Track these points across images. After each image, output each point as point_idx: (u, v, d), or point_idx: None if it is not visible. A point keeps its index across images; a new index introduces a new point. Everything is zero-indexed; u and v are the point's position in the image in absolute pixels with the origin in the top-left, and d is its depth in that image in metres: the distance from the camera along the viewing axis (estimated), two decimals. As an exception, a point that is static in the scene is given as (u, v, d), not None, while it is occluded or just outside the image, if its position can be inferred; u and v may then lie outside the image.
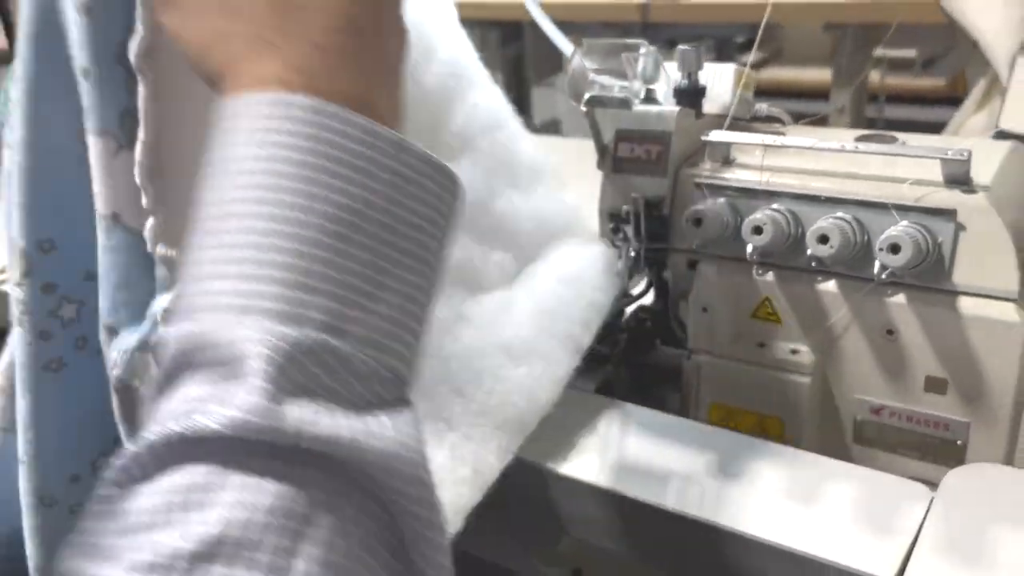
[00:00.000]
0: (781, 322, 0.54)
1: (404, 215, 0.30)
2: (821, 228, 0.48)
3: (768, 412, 0.54)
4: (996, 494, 0.45)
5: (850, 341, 0.52)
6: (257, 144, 0.29)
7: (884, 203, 0.49)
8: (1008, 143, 0.53)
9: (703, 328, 0.55)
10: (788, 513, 0.44)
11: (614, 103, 0.54)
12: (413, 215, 0.30)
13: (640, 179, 0.57)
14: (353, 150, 0.29)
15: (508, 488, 0.52)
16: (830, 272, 0.51)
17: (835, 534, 0.43)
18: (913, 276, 0.48)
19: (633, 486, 0.48)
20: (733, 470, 0.48)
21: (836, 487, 0.46)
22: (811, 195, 0.51)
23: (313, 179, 0.28)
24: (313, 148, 0.29)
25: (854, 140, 0.53)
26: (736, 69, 0.58)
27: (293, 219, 0.28)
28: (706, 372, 0.55)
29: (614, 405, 0.55)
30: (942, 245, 0.48)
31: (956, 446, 0.51)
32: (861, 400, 0.53)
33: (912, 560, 0.41)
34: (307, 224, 0.28)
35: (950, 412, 0.50)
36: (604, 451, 0.51)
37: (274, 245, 0.28)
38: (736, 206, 0.53)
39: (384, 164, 0.30)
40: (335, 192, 0.28)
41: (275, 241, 0.28)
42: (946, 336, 0.49)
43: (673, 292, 0.58)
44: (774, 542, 0.42)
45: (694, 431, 0.52)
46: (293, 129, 0.29)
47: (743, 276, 0.54)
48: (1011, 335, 0.47)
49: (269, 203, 0.28)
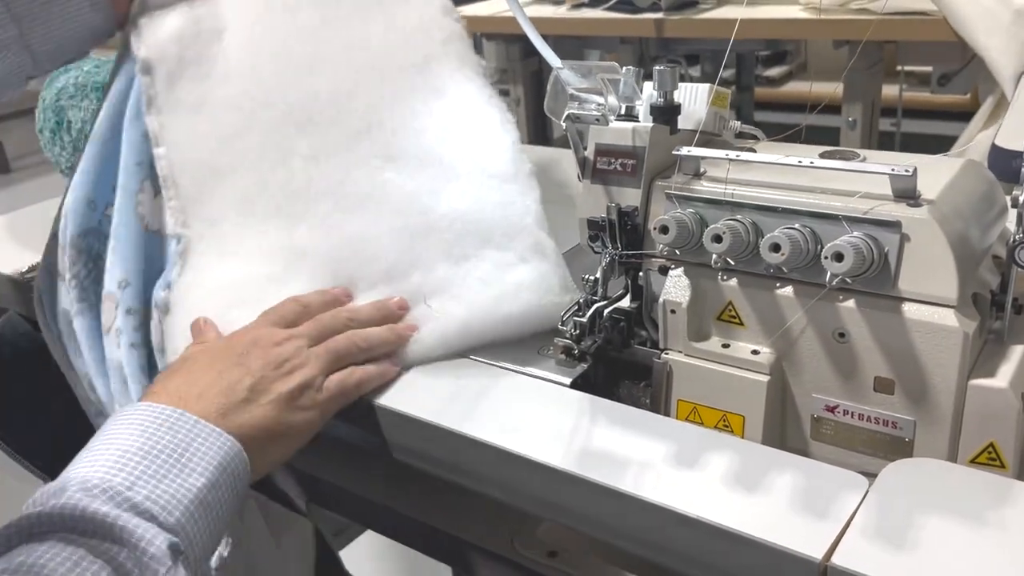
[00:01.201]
0: (744, 324, 0.57)
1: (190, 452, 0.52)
2: (773, 237, 0.52)
3: (731, 409, 0.58)
4: (930, 486, 0.48)
5: (806, 343, 0.55)
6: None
7: (835, 215, 0.53)
8: (961, 160, 0.57)
9: (672, 329, 0.59)
10: (733, 497, 0.48)
11: (590, 119, 0.59)
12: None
13: (616, 190, 0.61)
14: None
15: (487, 474, 0.57)
16: (787, 278, 0.55)
17: (774, 517, 0.46)
18: (862, 283, 0.52)
19: (598, 472, 0.52)
20: (689, 459, 0.52)
21: (781, 475, 0.50)
22: (770, 206, 0.55)
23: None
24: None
25: (818, 156, 0.57)
26: (710, 88, 0.62)
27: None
28: (674, 370, 0.59)
29: (587, 399, 0.59)
30: (888, 254, 0.51)
31: (904, 443, 0.54)
32: (817, 399, 0.56)
33: (841, 543, 0.44)
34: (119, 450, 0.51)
35: (898, 411, 0.54)
36: (576, 440, 0.55)
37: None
38: (703, 216, 0.57)
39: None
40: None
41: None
42: (892, 339, 0.52)
43: (646, 295, 0.62)
44: (715, 522, 0.46)
45: (659, 424, 0.56)
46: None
47: (709, 281, 0.58)
48: (951, 339, 0.50)
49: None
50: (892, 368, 0.53)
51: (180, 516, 0.49)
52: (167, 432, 0.51)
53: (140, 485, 0.48)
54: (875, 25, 1.59)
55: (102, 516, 0.46)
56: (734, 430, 0.58)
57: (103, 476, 0.48)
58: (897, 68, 1.90)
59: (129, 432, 0.51)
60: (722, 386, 0.58)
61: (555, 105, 0.60)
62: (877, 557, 0.43)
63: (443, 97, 0.73)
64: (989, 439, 0.51)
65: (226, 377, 0.56)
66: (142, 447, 0.50)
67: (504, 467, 0.55)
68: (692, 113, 0.62)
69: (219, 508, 0.52)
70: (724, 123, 0.64)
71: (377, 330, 0.64)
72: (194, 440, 0.52)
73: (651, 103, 0.60)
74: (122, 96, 0.72)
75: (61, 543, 0.45)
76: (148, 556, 0.46)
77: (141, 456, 0.50)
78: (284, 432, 0.57)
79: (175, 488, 0.49)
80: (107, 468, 0.49)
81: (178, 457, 0.51)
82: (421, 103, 0.73)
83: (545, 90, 0.63)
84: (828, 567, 0.43)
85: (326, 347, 0.61)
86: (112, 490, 0.47)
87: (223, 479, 0.52)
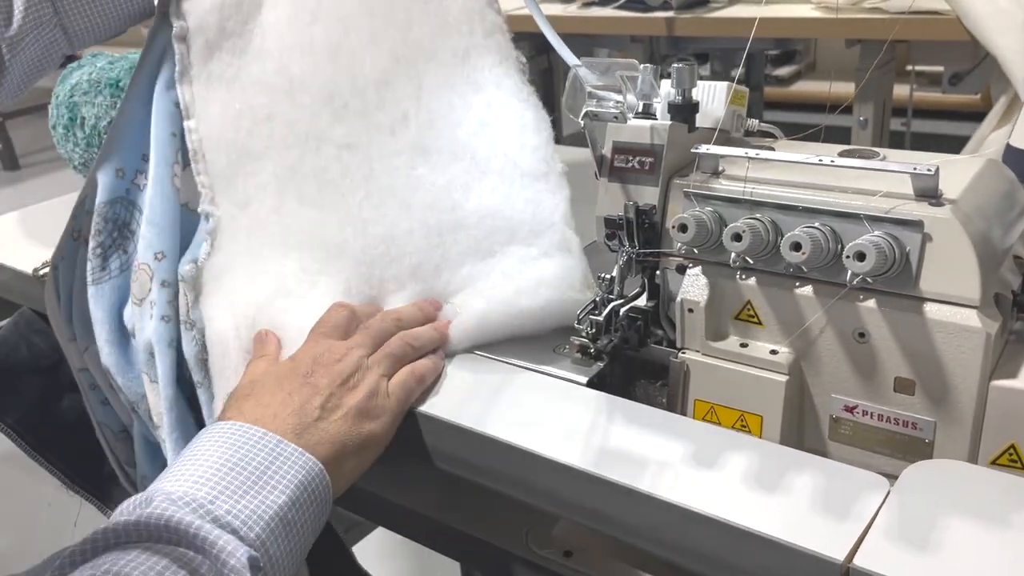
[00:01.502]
0: (762, 324, 0.57)
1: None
2: (794, 236, 0.51)
3: (749, 409, 0.58)
4: (951, 488, 0.48)
5: (825, 343, 0.55)
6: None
7: (856, 214, 0.52)
8: (982, 159, 0.56)
9: (689, 328, 0.59)
10: (752, 497, 0.48)
11: (608, 117, 0.59)
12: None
13: (634, 188, 0.61)
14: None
15: (503, 472, 0.57)
16: (807, 278, 0.55)
17: (794, 518, 0.46)
18: (883, 283, 0.52)
19: (616, 471, 0.51)
20: (707, 459, 0.52)
21: (800, 476, 0.49)
22: (790, 205, 0.54)
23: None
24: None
25: (837, 155, 0.57)
26: (728, 86, 0.62)
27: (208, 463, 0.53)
28: (691, 370, 0.59)
29: (604, 398, 0.59)
30: (910, 254, 0.51)
31: (924, 444, 0.54)
32: (836, 399, 0.56)
33: (863, 544, 0.44)
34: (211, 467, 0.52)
35: (918, 412, 0.53)
36: (593, 439, 0.55)
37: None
38: (721, 214, 0.57)
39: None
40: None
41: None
42: (913, 340, 0.52)
43: (663, 294, 0.62)
44: (735, 522, 0.46)
45: (676, 424, 0.56)
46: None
47: (727, 280, 0.57)
48: (973, 340, 0.50)
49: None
50: (913, 368, 0.52)
51: (260, 532, 0.49)
52: (249, 450, 0.52)
53: (222, 500, 0.49)
54: (887, 24, 1.58)
55: (185, 526, 0.47)
56: (752, 430, 0.57)
57: (187, 489, 0.49)
58: (907, 68, 1.89)
59: (214, 449, 0.52)
60: (740, 386, 0.57)
61: (573, 103, 0.60)
62: (899, 559, 0.43)
63: (481, 91, 0.72)
64: (1011, 440, 0.51)
65: (296, 398, 0.57)
66: (225, 463, 0.51)
67: (520, 466, 0.55)
68: (710, 111, 0.62)
69: (300, 527, 0.52)
70: (742, 122, 0.63)
71: (423, 329, 0.65)
72: (276, 459, 0.53)
73: (669, 101, 0.60)
74: (155, 66, 0.70)
75: (146, 552, 0.46)
76: (228, 568, 0.46)
77: (225, 472, 0.51)
78: (360, 444, 0.57)
79: (256, 504, 0.50)
80: (192, 482, 0.50)
81: (260, 474, 0.52)
82: (459, 96, 0.72)
83: (554, 89, 0.63)
84: (850, 568, 0.43)
85: (384, 352, 0.62)
86: (195, 502, 0.48)
87: (304, 497, 0.53)
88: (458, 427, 0.58)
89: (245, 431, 0.54)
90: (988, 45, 1.33)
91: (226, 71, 0.69)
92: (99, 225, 0.71)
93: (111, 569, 0.45)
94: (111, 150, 0.72)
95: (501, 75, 0.73)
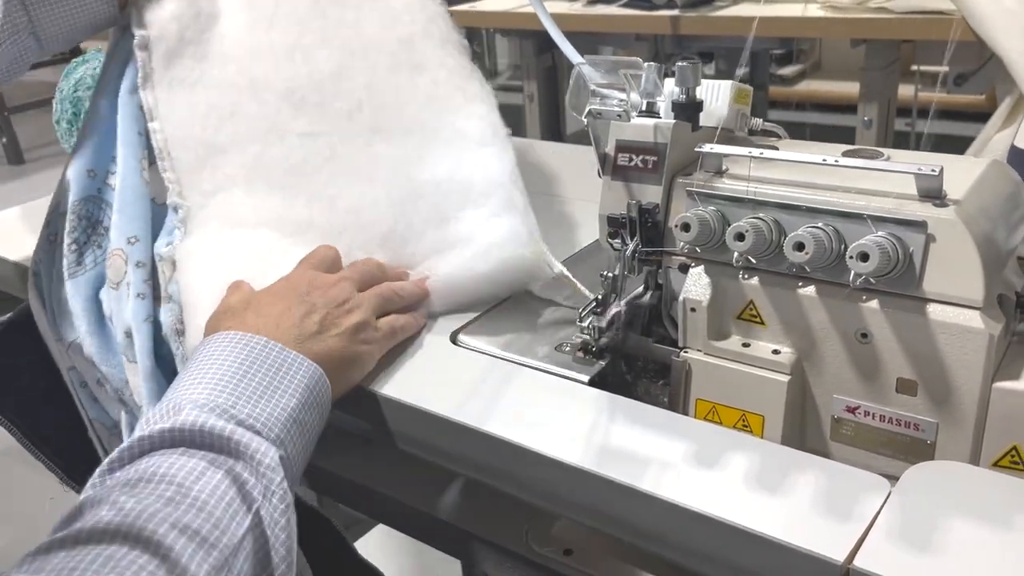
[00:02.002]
0: (764, 324, 0.57)
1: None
2: (797, 236, 0.51)
3: (750, 409, 0.58)
4: (952, 490, 0.48)
5: (828, 343, 0.55)
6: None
7: (860, 214, 0.52)
8: (986, 160, 0.56)
9: (691, 327, 0.59)
10: (753, 497, 0.48)
11: (612, 115, 0.58)
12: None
13: (637, 186, 0.61)
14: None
15: (505, 471, 0.57)
16: (810, 278, 0.55)
17: (795, 518, 0.46)
18: (886, 283, 0.52)
19: (616, 470, 0.51)
20: (708, 458, 0.51)
21: (801, 476, 0.49)
22: (793, 204, 0.54)
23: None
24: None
25: (841, 155, 0.57)
26: (733, 85, 0.61)
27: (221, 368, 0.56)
28: (693, 369, 0.59)
29: (606, 397, 0.59)
30: (913, 255, 0.51)
31: (926, 445, 0.54)
32: (838, 399, 0.56)
33: (864, 545, 0.44)
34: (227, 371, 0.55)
35: (920, 413, 0.53)
36: (594, 438, 0.55)
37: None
38: (724, 214, 0.57)
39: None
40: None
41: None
42: (916, 341, 0.52)
43: (666, 293, 0.61)
44: (736, 522, 0.46)
45: (677, 423, 0.56)
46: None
47: (730, 279, 0.57)
48: (976, 341, 0.50)
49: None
50: (915, 369, 0.52)
51: (280, 432, 0.53)
52: (257, 357, 0.56)
53: (242, 404, 0.53)
54: (893, 24, 1.58)
55: (219, 431, 0.50)
56: (753, 430, 0.57)
57: (208, 395, 0.53)
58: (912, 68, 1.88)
59: (224, 357, 0.56)
60: (742, 385, 0.57)
61: (577, 101, 0.60)
62: (900, 560, 0.43)
63: (426, 72, 0.78)
64: (1013, 442, 0.51)
65: (296, 311, 0.60)
66: (238, 370, 0.55)
67: (522, 464, 0.55)
68: (714, 110, 0.61)
69: (310, 427, 0.56)
70: (746, 121, 0.63)
71: (407, 284, 0.70)
72: (283, 365, 0.56)
73: (673, 99, 0.60)
74: (119, 70, 0.75)
75: (184, 456, 0.49)
76: (264, 467, 0.50)
77: (239, 378, 0.54)
78: (352, 359, 0.62)
79: (272, 407, 0.54)
80: (211, 389, 0.53)
81: (271, 380, 0.55)
82: (407, 78, 0.78)
83: (558, 86, 0.63)
84: (851, 569, 0.43)
85: (375, 292, 0.66)
86: (219, 408, 0.52)
87: (311, 399, 0.57)
88: (460, 425, 0.58)
89: (252, 340, 0.57)
90: (994, 46, 1.32)
91: (189, 75, 0.74)
92: (73, 223, 0.74)
93: (156, 471, 0.47)
94: (81, 151, 0.75)
95: (444, 56, 0.79)
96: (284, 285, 0.64)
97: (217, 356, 0.56)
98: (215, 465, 0.49)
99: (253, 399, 0.53)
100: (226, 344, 0.57)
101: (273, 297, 0.62)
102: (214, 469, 0.48)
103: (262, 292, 0.64)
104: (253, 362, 0.56)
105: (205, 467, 0.48)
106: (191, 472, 0.48)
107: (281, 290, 0.63)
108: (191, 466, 0.48)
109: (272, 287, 0.64)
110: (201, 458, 0.49)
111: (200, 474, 0.48)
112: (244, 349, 0.56)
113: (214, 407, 0.52)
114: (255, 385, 0.54)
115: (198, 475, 0.48)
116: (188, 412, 0.51)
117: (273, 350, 0.57)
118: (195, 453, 0.49)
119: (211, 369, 0.55)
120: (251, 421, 0.52)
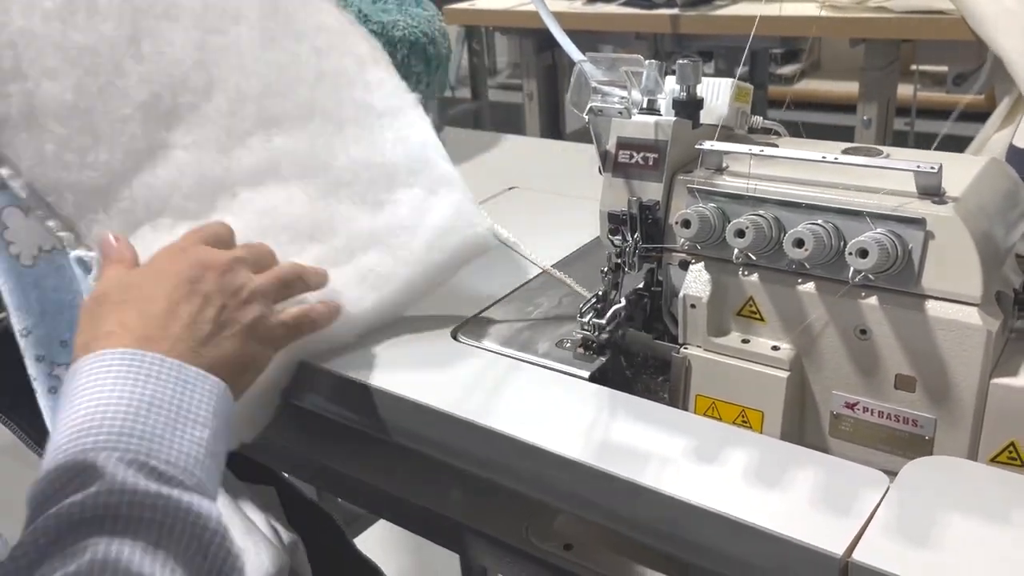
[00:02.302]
0: (764, 320, 0.57)
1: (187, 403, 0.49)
2: (797, 233, 0.52)
3: (750, 404, 0.58)
4: (950, 484, 0.48)
5: (827, 339, 0.55)
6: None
7: (859, 211, 0.52)
8: (985, 158, 0.56)
9: (691, 324, 0.59)
10: (753, 492, 0.48)
11: (613, 113, 0.59)
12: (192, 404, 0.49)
13: (638, 183, 0.61)
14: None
15: (506, 466, 0.57)
16: (809, 274, 0.55)
17: (794, 512, 0.46)
18: (885, 280, 0.52)
19: (616, 464, 0.52)
20: (708, 453, 0.52)
21: (800, 471, 0.49)
22: (793, 201, 0.55)
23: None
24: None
25: (841, 152, 0.57)
26: (733, 83, 0.62)
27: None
28: (693, 365, 0.59)
29: (606, 393, 0.59)
30: (912, 251, 0.51)
31: (924, 440, 0.54)
32: (837, 395, 0.56)
33: (862, 539, 0.44)
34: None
35: (918, 408, 0.53)
36: (595, 433, 0.55)
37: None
38: (725, 211, 0.57)
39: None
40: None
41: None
42: (915, 337, 0.52)
43: (666, 289, 0.62)
44: (736, 517, 0.46)
45: (677, 419, 0.56)
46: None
47: (730, 276, 0.58)
48: (974, 337, 0.50)
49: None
50: (914, 366, 0.53)
51: (200, 474, 0.47)
52: (156, 382, 0.48)
53: (156, 450, 0.45)
54: (892, 23, 1.58)
55: (152, 499, 0.42)
56: (753, 426, 0.58)
57: (119, 440, 0.45)
58: (911, 67, 1.89)
59: (115, 384, 0.47)
60: (741, 381, 0.58)
61: (578, 99, 0.60)
62: (898, 554, 0.43)
63: (304, 40, 0.69)
64: (1010, 438, 0.51)
65: (186, 309, 0.53)
66: (140, 402, 0.47)
67: (523, 459, 0.55)
68: (714, 108, 0.62)
69: (220, 454, 0.50)
70: (746, 119, 0.63)
71: (309, 267, 0.63)
72: (184, 387, 0.49)
73: (674, 97, 0.60)
74: None
75: (124, 545, 0.41)
76: (208, 532, 0.43)
77: (146, 413, 0.46)
78: (248, 364, 0.55)
79: (187, 446, 0.47)
80: (118, 432, 0.45)
81: (176, 409, 0.48)
82: (283, 52, 0.68)
83: (558, 85, 0.63)
84: (849, 563, 0.43)
85: (275, 276, 0.59)
86: (137, 462, 0.44)
87: (221, 425, 0.50)
88: (460, 420, 0.58)
89: (144, 360, 0.48)
90: (993, 46, 1.33)
91: (12, 110, 0.60)
92: None
93: (104, 559, 0.40)
94: None
95: (317, 15, 0.70)
96: (168, 264, 0.55)
97: (105, 380, 0.47)
98: (167, 539, 0.42)
99: (166, 439, 0.46)
100: (117, 367, 0.48)
101: (155, 285, 0.53)
102: (165, 554, 0.41)
103: (143, 273, 0.55)
104: (155, 389, 0.47)
105: (164, 555, 0.41)
106: (143, 557, 0.40)
107: (167, 277, 0.54)
108: (138, 560, 0.40)
109: (156, 265, 0.55)
110: (151, 533, 0.42)
111: (162, 565, 0.41)
112: (139, 371, 0.48)
113: (132, 460, 0.44)
114: (163, 419, 0.47)
115: (152, 560, 0.41)
116: (105, 464, 0.43)
117: (170, 370, 0.49)
118: (135, 543, 0.41)
119: (102, 398, 0.46)
120: (172, 472, 0.45)
